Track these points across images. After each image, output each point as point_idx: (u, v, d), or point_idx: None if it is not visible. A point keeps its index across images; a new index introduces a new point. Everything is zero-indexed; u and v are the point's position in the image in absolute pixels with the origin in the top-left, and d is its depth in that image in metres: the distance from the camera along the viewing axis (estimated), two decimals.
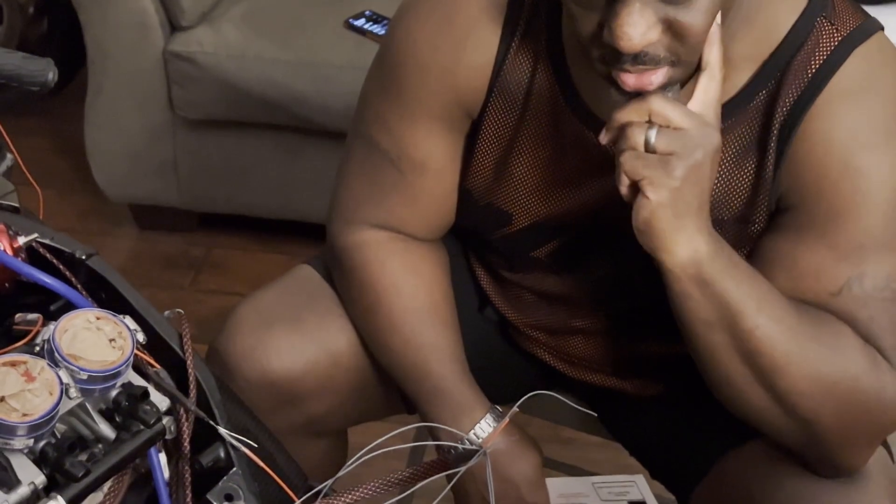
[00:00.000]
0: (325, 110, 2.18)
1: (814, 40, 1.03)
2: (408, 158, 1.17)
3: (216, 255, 2.46)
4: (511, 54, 1.10)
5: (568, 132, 1.09)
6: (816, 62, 1.03)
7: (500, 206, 1.18)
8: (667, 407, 1.26)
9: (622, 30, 0.91)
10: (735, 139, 1.06)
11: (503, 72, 1.10)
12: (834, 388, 1.02)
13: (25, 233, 0.94)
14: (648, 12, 0.91)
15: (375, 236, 1.21)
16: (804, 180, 1.04)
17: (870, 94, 1.03)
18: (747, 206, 1.08)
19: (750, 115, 1.05)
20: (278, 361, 1.21)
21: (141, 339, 0.89)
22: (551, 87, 1.10)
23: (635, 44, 0.91)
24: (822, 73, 1.02)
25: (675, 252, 0.98)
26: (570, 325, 1.25)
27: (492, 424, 1.17)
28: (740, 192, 1.08)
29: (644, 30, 0.91)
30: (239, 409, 1.00)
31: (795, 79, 1.03)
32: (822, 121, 1.02)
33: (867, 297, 1.03)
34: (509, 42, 1.09)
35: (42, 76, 1.05)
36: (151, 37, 2.21)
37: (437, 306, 1.22)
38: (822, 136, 1.03)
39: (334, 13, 2.24)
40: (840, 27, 1.03)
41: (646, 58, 0.93)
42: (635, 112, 0.95)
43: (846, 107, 1.02)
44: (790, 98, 1.03)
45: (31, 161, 1.13)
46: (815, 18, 1.03)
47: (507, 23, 1.09)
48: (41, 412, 0.79)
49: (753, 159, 1.06)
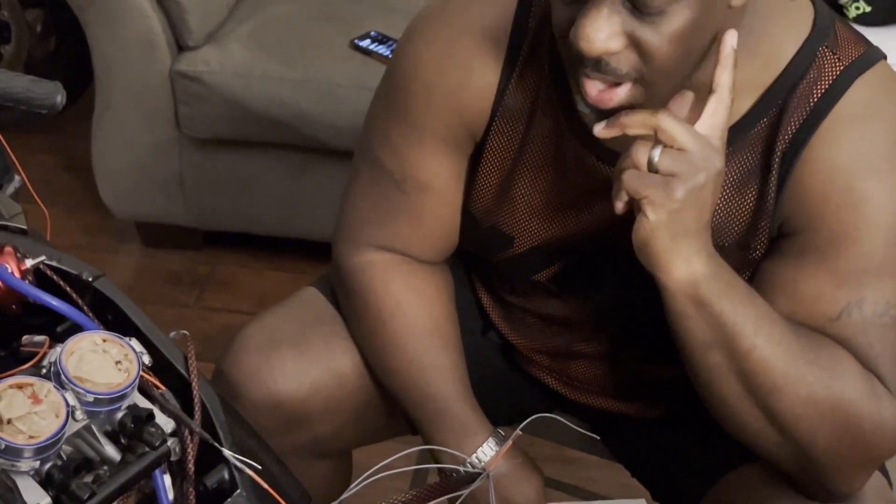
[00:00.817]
0: (330, 129, 2.19)
1: (816, 69, 1.03)
2: (412, 180, 1.17)
3: (221, 273, 2.46)
4: (515, 77, 1.11)
5: (570, 156, 1.10)
6: (819, 90, 1.03)
7: (502, 229, 1.18)
8: (667, 429, 1.27)
9: (584, 30, 0.91)
10: (736, 165, 1.07)
11: (507, 94, 1.11)
12: (830, 412, 1.02)
13: (33, 255, 0.94)
14: (615, 20, 0.91)
15: (380, 258, 1.22)
16: (806, 206, 1.04)
17: (873, 120, 1.03)
18: (748, 232, 1.08)
19: (751, 142, 1.06)
20: (284, 383, 1.22)
21: (147, 362, 0.90)
22: (554, 110, 1.10)
23: (594, 46, 0.92)
24: (825, 100, 1.03)
25: (673, 272, 0.99)
26: (572, 348, 1.26)
27: (494, 448, 1.18)
28: (741, 218, 1.08)
29: (606, 36, 0.91)
30: (243, 430, 1.00)
31: (798, 106, 1.04)
32: (824, 147, 1.03)
33: (866, 323, 1.03)
34: (513, 65, 1.10)
35: (50, 99, 1.05)
36: (158, 56, 2.23)
37: (441, 328, 1.22)
38: (825, 163, 1.03)
39: (340, 33, 2.26)
40: (842, 56, 1.04)
41: (607, 67, 0.93)
42: (642, 123, 0.96)
43: (849, 133, 1.03)
44: (793, 125, 1.04)
45: (37, 179, 1.14)
46: (818, 48, 1.04)
47: (510, 46, 1.10)
48: (47, 434, 0.80)
49: (755, 186, 1.07)
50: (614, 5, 0.91)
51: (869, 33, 1.10)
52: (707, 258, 1.00)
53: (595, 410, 1.30)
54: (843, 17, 2.09)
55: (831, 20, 1.06)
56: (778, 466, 1.09)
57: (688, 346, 1.04)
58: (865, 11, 2.08)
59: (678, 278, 0.99)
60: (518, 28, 1.10)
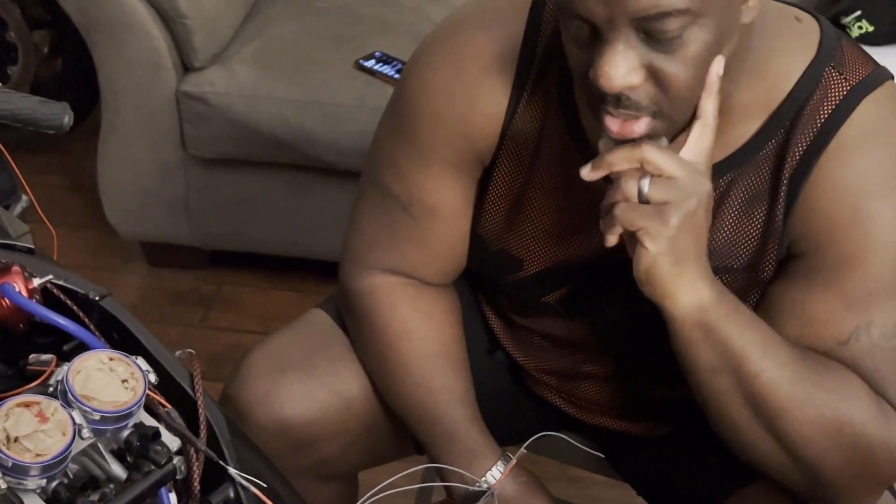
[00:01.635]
0: (335, 149, 2.20)
1: (822, 90, 1.03)
2: (420, 204, 1.17)
3: (226, 292, 2.47)
4: (523, 102, 1.11)
5: (578, 179, 1.10)
6: (826, 111, 1.03)
7: (511, 252, 1.18)
8: (673, 448, 1.27)
9: (603, 69, 0.92)
10: (744, 187, 1.07)
11: (515, 119, 1.11)
12: (839, 434, 1.02)
13: (40, 274, 0.94)
14: (632, 55, 0.92)
15: (387, 281, 1.22)
16: (814, 227, 1.04)
17: (881, 140, 1.03)
18: (756, 254, 1.08)
19: (759, 164, 1.06)
20: (291, 407, 1.22)
21: (153, 380, 0.90)
22: (562, 134, 1.10)
23: (615, 84, 0.92)
24: (832, 121, 1.03)
25: (679, 299, 0.99)
26: (579, 369, 1.25)
27: (501, 471, 1.17)
28: (749, 240, 1.08)
29: (625, 71, 0.92)
30: (249, 449, 1.01)
31: (805, 128, 1.03)
32: (832, 168, 1.03)
33: (875, 347, 1.03)
34: (521, 90, 1.10)
35: (58, 120, 1.06)
36: (164, 77, 2.24)
37: (449, 351, 1.22)
38: (833, 184, 1.03)
39: (345, 54, 2.27)
40: (849, 76, 1.03)
41: (627, 102, 0.94)
42: (626, 158, 0.96)
43: (857, 153, 1.03)
44: (800, 147, 1.04)
45: (43, 198, 1.15)
46: (824, 69, 1.04)
47: (519, 71, 1.10)
48: (54, 453, 0.80)
49: (763, 208, 1.07)
50: (629, 40, 0.91)
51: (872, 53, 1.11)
52: (711, 283, 1.00)
53: (601, 430, 1.30)
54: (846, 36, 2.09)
55: (837, 40, 1.06)
56: (787, 486, 1.09)
57: (695, 372, 1.04)
58: (868, 31, 2.09)
59: (685, 305, 0.99)
60: (526, 53, 1.09)
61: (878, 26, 2.09)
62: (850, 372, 1.03)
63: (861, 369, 1.03)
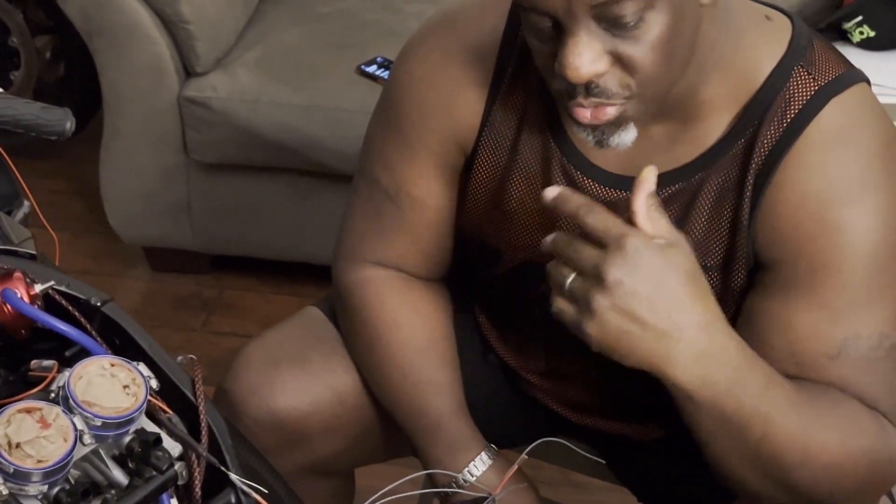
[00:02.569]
0: (337, 154, 2.20)
1: (790, 88, 1.03)
2: (407, 195, 1.19)
3: (228, 297, 2.47)
4: (502, 94, 1.12)
5: (557, 171, 1.11)
6: (793, 110, 1.03)
7: (490, 244, 1.19)
8: (671, 452, 1.26)
9: (568, 60, 0.93)
10: (715, 185, 1.07)
11: (494, 110, 1.13)
12: (853, 468, 1.02)
13: (42, 280, 0.95)
14: (595, 43, 0.92)
15: (377, 274, 1.23)
16: (781, 235, 1.03)
17: (846, 145, 1.02)
18: (727, 253, 1.08)
19: (729, 162, 1.06)
20: (284, 400, 1.22)
21: (154, 386, 0.90)
22: (541, 126, 1.12)
23: (582, 74, 0.93)
24: (797, 121, 1.02)
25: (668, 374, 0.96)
26: (566, 371, 1.26)
27: (486, 462, 1.18)
28: (720, 238, 1.08)
29: (590, 59, 0.92)
30: (249, 453, 1.01)
31: (771, 126, 1.03)
32: (796, 171, 1.02)
33: (864, 360, 1.03)
34: (500, 82, 1.12)
35: (60, 126, 1.07)
36: (167, 82, 2.24)
37: (437, 344, 1.23)
38: (797, 188, 1.02)
39: (346, 59, 2.27)
40: (817, 77, 1.03)
41: (597, 90, 0.94)
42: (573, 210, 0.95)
43: (821, 158, 1.02)
44: (766, 145, 1.03)
45: (46, 203, 1.15)
46: (793, 67, 1.04)
47: (498, 63, 1.12)
48: (56, 459, 0.80)
49: (730, 205, 1.06)
50: (590, 29, 0.92)
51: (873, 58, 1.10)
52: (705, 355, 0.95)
53: (598, 433, 1.30)
54: (848, 42, 2.09)
55: (809, 40, 1.05)
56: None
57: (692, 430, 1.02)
58: (870, 36, 2.09)
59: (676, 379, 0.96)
60: (506, 46, 1.11)
61: (880, 32, 2.09)
62: (853, 401, 1.02)
63: (854, 384, 1.03)
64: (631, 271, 0.91)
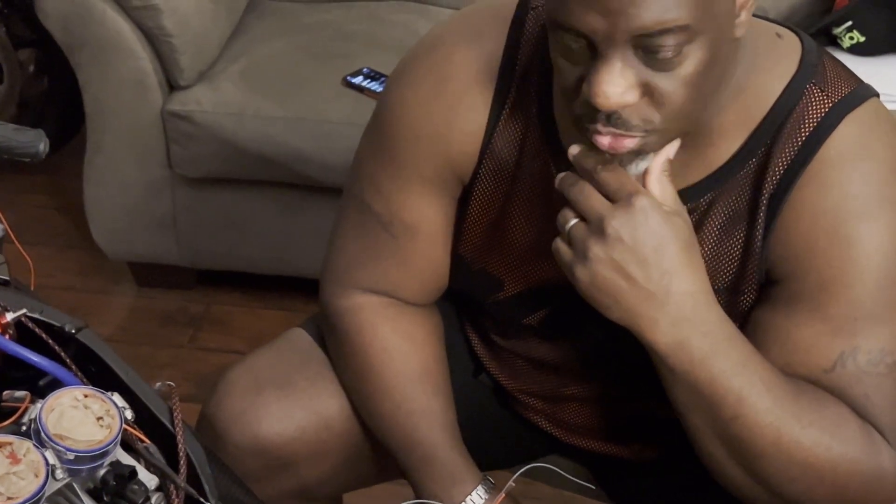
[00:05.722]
0: (323, 167, 2.18)
1: (803, 107, 1.02)
2: (400, 222, 1.16)
3: (215, 312, 2.45)
4: (502, 121, 1.09)
5: (558, 199, 1.09)
6: (807, 129, 1.01)
7: (491, 273, 1.17)
8: (664, 472, 1.25)
9: (599, 87, 0.90)
10: (724, 207, 1.05)
11: (494, 138, 1.10)
12: (831, 473, 1.01)
13: (14, 308, 0.93)
14: (629, 73, 0.90)
15: (368, 301, 1.20)
16: (794, 250, 1.03)
17: (861, 161, 1.01)
18: (737, 275, 1.07)
19: (739, 183, 1.04)
20: (268, 426, 1.20)
21: (129, 417, 0.88)
22: (542, 153, 1.09)
23: (612, 103, 0.91)
24: (812, 139, 1.01)
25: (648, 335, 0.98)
26: (562, 392, 1.24)
27: (483, 496, 1.16)
28: (730, 261, 1.07)
29: (622, 90, 0.90)
30: (230, 480, 0.99)
31: (786, 146, 1.02)
32: (811, 189, 1.01)
33: (861, 373, 1.01)
34: (501, 108, 1.09)
35: (33, 148, 1.05)
36: (150, 96, 2.22)
37: (430, 373, 1.21)
38: (811, 205, 1.01)
39: (332, 71, 2.25)
40: (830, 93, 1.02)
41: (618, 120, 0.92)
42: None
43: (836, 175, 1.01)
44: (780, 166, 1.02)
45: (29, 218, 1.13)
46: (805, 85, 1.02)
47: (498, 89, 1.09)
48: (26, 495, 0.78)
49: (742, 228, 1.05)
50: (626, 58, 0.90)
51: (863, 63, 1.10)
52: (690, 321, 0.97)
53: (591, 454, 1.28)
54: (837, 47, 2.08)
55: (819, 57, 1.04)
56: None
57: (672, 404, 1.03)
58: (859, 41, 2.08)
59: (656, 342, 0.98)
60: (506, 71, 1.08)
61: (870, 36, 2.08)
62: (843, 406, 1.01)
63: (848, 397, 1.02)
64: (633, 230, 0.94)
